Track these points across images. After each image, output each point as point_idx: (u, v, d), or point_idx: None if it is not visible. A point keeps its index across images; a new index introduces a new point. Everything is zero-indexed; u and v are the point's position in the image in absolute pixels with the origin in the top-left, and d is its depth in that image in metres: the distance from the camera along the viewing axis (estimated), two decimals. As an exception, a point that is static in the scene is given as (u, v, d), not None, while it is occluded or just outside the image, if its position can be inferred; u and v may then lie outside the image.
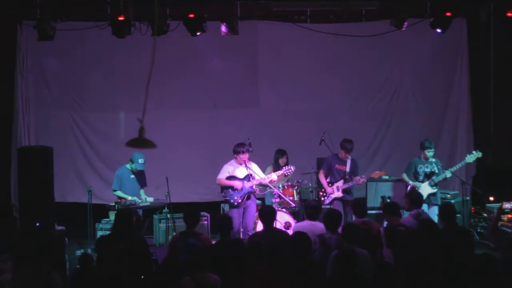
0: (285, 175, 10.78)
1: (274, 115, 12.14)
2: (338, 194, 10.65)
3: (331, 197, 10.68)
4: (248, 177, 10.31)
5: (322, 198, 10.74)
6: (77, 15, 11.13)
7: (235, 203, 10.30)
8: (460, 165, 10.82)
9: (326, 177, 10.80)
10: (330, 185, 10.73)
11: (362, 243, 7.50)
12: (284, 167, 10.67)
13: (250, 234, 9.90)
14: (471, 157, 10.74)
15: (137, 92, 10.66)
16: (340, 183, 10.66)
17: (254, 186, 10.35)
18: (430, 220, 8.37)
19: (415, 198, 8.85)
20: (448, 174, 10.62)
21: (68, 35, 11.30)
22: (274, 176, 10.39)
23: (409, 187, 10.75)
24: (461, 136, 12.26)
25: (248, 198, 10.37)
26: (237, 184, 10.29)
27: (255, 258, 6.95)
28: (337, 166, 10.74)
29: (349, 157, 10.74)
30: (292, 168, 10.60)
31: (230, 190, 10.34)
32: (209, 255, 7.13)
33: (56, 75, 11.72)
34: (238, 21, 10.95)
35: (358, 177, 10.60)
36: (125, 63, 11.57)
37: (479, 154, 10.73)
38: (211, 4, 10.89)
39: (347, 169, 10.68)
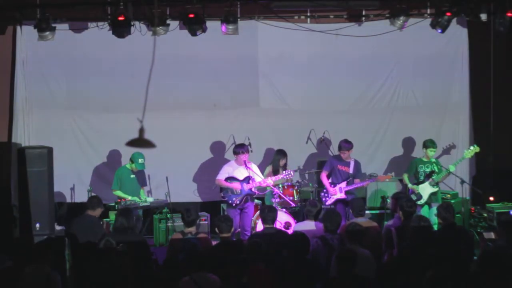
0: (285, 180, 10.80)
1: (274, 115, 12.12)
2: (341, 195, 10.61)
3: (333, 199, 10.64)
4: (248, 179, 10.32)
5: (324, 199, 10.71)
6: (77, 15, 11.12)
7: (233, 204, 10.32)
8: (459, 160, 10.83)
9: (328, 178, 10.81)
10: (332, 186, 10.71)
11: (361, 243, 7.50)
12: (284, 172, 10.67)
13: (248, 234, 9.92)
14: (469, 152, 10.75)
15: (137, 92, 10.71)
16: (343, 185, 10.61)
17: (253, 189, 10.36)
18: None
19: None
20: (452, 168, 10.60)
21: (68, 35, 11.31)
22: (269, 181, 10.36)
23: (410, 190, 10.75)
24: (461, 136, 12.24)
25: (246, 200, 10.38)
26: (235, 186, 10.30)
27: (255, 258, 6.95)
28: (339, 166, 10.71)
29: (352, 158, 10.73)
30: (292, 173, 10.63)
31: (229, 190, 10.36)
32: (209, 256, 7.14)
33: (56, 75, 11.70)
34: (238, 21, 10.95)
35: (358, 180, 10.60)
36: (125, 63, 11.56)
37: (477, 149, 10.75)
38: (211, 4, 10.88)
39: (350, 170, 10.65)
